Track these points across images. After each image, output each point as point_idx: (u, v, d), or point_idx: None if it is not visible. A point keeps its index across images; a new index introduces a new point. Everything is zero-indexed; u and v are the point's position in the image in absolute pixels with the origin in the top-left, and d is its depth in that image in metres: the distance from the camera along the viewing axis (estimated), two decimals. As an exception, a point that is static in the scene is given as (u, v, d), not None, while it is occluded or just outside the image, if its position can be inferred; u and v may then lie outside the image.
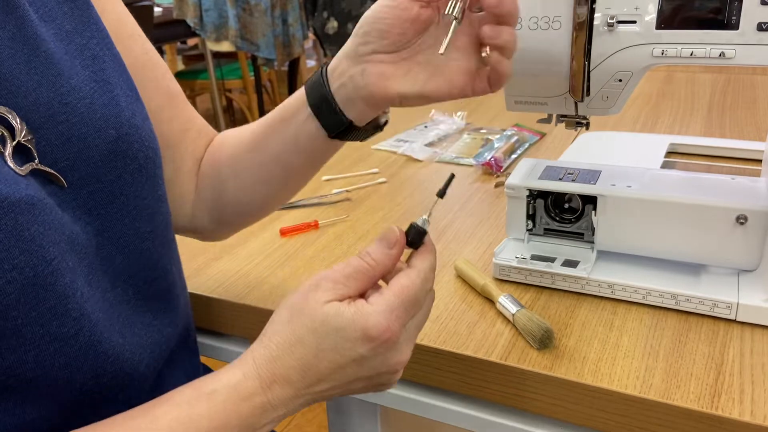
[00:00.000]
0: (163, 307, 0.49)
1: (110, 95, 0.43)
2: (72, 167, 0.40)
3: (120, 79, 0.46)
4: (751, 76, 1.18)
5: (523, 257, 0.59)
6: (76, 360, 0.39)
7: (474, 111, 1.10)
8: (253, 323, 0.60)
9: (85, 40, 0.44)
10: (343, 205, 0.78)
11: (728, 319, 0.51)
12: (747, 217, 0.51)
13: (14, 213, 0.34)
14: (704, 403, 0.43)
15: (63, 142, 0.40)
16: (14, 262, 0.34)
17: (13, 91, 0.38)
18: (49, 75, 0.40)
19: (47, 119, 0.39)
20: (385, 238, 0.40)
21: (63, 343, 0.38)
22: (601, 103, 0.53)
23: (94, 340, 0.40)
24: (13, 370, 0.36)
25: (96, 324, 0.40)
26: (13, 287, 0.34)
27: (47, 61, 0.40)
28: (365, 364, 0.39)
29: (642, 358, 0.48)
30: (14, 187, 0.35)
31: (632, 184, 0.56)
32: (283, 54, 2.20)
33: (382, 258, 0.40)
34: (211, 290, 0.62)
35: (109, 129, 0.42)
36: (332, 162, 0.92)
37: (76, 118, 0.41)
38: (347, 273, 0.39)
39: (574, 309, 0.55)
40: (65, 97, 0.40)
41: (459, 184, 0.83)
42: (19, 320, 0.35)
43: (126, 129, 0.44)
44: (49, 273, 0.36)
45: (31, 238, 0.35)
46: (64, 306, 0.37)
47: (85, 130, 0.41)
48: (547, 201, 0.60)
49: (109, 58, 0.45)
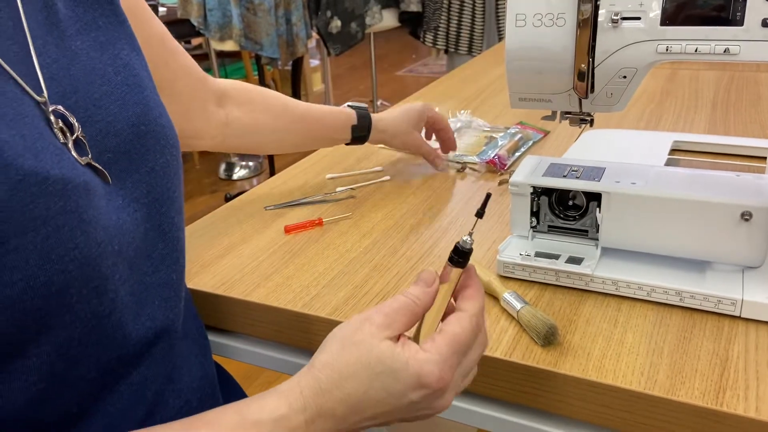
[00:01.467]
0: (183, 295, 0.51)
1: (140, 96, 0.47)
2: (114, 160, 0.44)
3: (147, 81, 0.49)
4: (755, 74, 1.18)
5: (527, 254, 0.59)
6: (106, 338, 0.41)
7: (477, 109, 1.10)
8: (258, 320, 0.60)
9: (117, 50, 0.48)
10: (348, 202, 0.78)
11: (733, 315, 0.51)
12: (752, 213, 0.51)
13: (76, 196, 0.37)
14: (709, 399, 0.43)
15: (102, 137, 0.43)
16: (76, 242, 0.37)
17: (60, 92, 0.42)
18: (85, 81, 0.44)
19: (86, 119, 0.43)
20: (423, 279, 0.43)
21: (99, 321, 0.40)
22: (605, 99, 0.53)
23: (124, 321, 0.43)
24: (64, 348, 0.39)
25: (127, 305, 0.43)
26: (74, 265, 0.37)
27: (85, 68, 0.44)
28: (411, 406, 0.40)
29: (646, 355, 0.48)
30: (76, 172, 0.38)
31: (636, 181, 0.56)
32: (287, 53, 2.20)
33: (423, 296, 0.42)
34: (216, 287, 0.62)
35: (141, 125, 0.46)
36: (336, 160, 0.92)
37: (111, 116, 0.44)
38: (395, 308, 0.41)
39: (579, 306, 0.55)
40: (99, 101, 0.44)
41: (462, 182, 0.83)
42: (74, 297, 0.38)
43: (153, 127, 0.47)
44: (98, 255, 0.39)
45: (88, 220, 0.38)
46: (105, 286, 0.40)
47: (119, 127, 0.45)
48: (551, 198, 0.60)
49: (138, 64, 0.49)
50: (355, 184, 0.83)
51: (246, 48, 2.13)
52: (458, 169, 0.86)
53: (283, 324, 0.59)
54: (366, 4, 2.39)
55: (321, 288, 0.60)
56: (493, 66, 1.40)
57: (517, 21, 0.51)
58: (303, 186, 0.83)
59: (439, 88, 1.28)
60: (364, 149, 0.95)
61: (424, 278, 0.43)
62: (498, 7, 2.45)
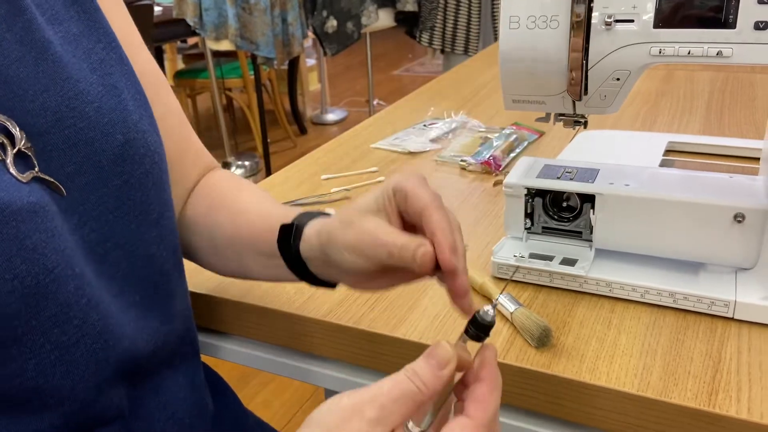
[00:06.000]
0: (166, 311, 0.49)
1: (117, 99, 0.43)
2: (80, 171, 0.40)
3: (128, 83, 0.46)
4: (750, 75, 1.18)
5: (521, 256, 0.59)
6: (78, 368, 0.39)
7: (473, 110, 1.10)
8: (252, 322, 0.60)
9: (92, 44, 0.44)
10: (342, 203, 0.78)
11: (726, 317, 0.52)
12: (744, 215, 0.51)
13: (16, 221, 0.34)
14: (702, 400, 0.44)
15: (70, 146, 0.40)
16: (15, 272, 0.34)
17: (20, 95, 0.38)
18: (57, 79, 0.40)
19: (54, 123, 0.39)
20: (434, 357, 0.34)
21: (64, 352, 0.38)
22: (598, 102, 0.53)
23: (97, 348, 0.40)
24: (13, 379, 0.36)
25: (101, 331, 0.40)
26: (14, 297, 0.34)
27: (55, 64, 0.40)
28: None
29: (640, 356, 0.48)
30: (16, 194, 0.35)
31: (630, 183, 0.57)
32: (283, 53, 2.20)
33: (432, 381, 0.33)
34: (210, 289, 0.62)
35: (117, 134, 0.42)
36: (331, 161, 0.92)
37: (84, 122, 0.41)
38: (395, 397, 0.32)
39: (572, 307, 0.55)
40: (72, 102, 0.40)
41: (457, 183, 0.83)
42: (19, 330, 0.35)
43: (133, 133, 0.44)
44: (51, 281, 0.36)
45: (32, 247, 0.35)
46: (65, 314, 0.37)
47: (92, 134, 0.41)
48: (546, 199, 0.60)
49: (116, 62, 0.45)
50: (350, 184, 0.83)
51: (242, 48, 2.13)
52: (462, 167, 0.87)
53: (278, 326, 0.59)
54: (362, 4, 2.39)
55: (315, 290, 0.60)
56: (489, 66, 1.40)
57: (510, 23, 0.51)
58: (298, 187, 0.83)
59: (435, 88, 1.28)
60: (360, 149, 0.95)
61: (438, 358, 0.33)
62: (494, 7, 2.45)
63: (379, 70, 4.76)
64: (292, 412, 1.54)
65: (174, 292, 0.50)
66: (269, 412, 1.54)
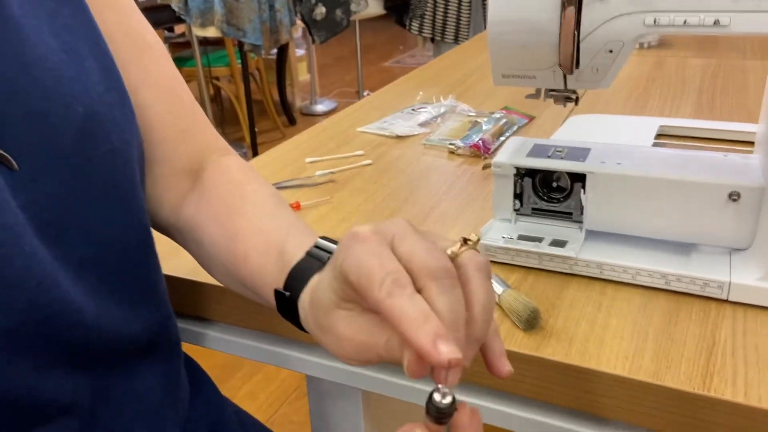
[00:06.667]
0: (135, 297, 0.46)
1: (80, 67, 0.40)
2: (34, 145, 0.37)
3: (95, 50, 0.42)
4: (742, 61, 1.17)
5: (510, 237, 0.57)
6: (20, 354, 0.36)
7: (463, 95, 1.08)
8: (234, 307, 0.58)
9: (56, 5, 0.40)
10: (327, 186, 0.76)
11: (720, 299, 0.50)
12: (740, 194, 0.49)
13: None
14: (696, 384, 0.42)
15: (24, 117, 0.37)
16: None
17: None
18: (12, 43, 0.37)
19: (9, 92, 0.36)
20: None
21: (2, 336, 0.35)
22: (591, 75, 0.51)
23: (48, 333, 0.37)
24: None
25: (52, 316, 0.37)
26: None
27: (9, 27, 0.37)
28: None
29: (631, 339, 0.47)
30: None
31: (622, 162, 0.55)
32: (270, 40, 2.17)
33: None
34: (188, 272, 0.59)
35: (77, 106, 0.39)
36: (316, 145, 0.90)
37: (40, 91, 0.37)
38: None
39: (562, 289, 0.53)
40: (29, 68, 0.37)
41: (445, 166, 0.81)
42: None
43: (97, 106, 0.40)
44: None
45: None
46: (8, 295, 0.34)
47: (49, 105, 0.38)
48: (535, 179, 0.58)
49: (83, 27, 0.42)
50: (335, 168, 0.80)
51: (228, 35, 2.09)
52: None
53: (261, 311, 0.57)
54: (351, -8, 2.36)
55: (297, 272, 0.58)
56: (479, 53, 1.38)
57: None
58: (282, 170, 0.81)
59: (423, 74, 1.25)
60: (346, 134, 0.93)
61: None
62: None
63: (369, 62, 4.73)
64: (279, 403, 1.52)
65: (144, 277, 0.48)
66: (255, 403, 1.52)
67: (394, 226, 0.33)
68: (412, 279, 0.31)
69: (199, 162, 0.52)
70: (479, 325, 0.32)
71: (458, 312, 0.30)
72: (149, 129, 0.48)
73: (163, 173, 0.50)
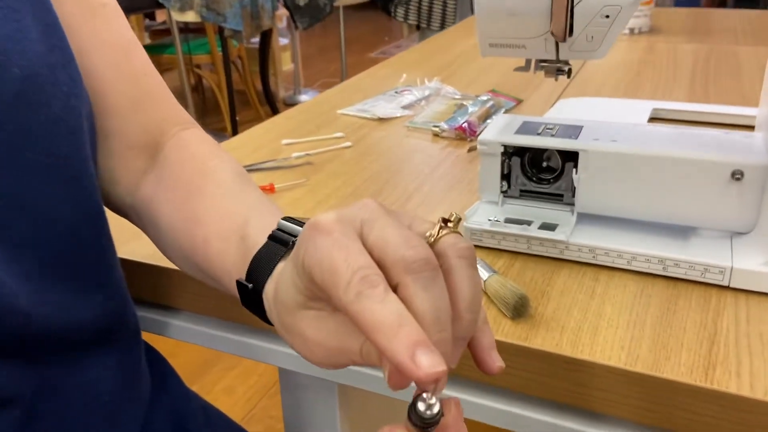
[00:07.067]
0: (83, 283, 0.42)
1: (16, 25, 0.36)
2: None
3: (35, 6, 0.38)
4: (734, 47, 1.14)
5: (496, 220, 0.53)
6: None
7: (448, 78, 1.04)
8: (199, 295, 0.54)
9: None
10: (304, 169, 0.72)
11: (721, 285, 0.47)
12: (743, 172, 0.46)
13: None
14: (697, 376, 0.38)
15: None
16: None
17: None
18: None
19: None
20: None
21: None
22: (585, 44, 0.47)
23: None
24: None
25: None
26: None
27: None
28: None
29: (627, 328, 0.43)
30: None
31: (617, 139, 0.51)
32: (251, 26, 2.11)
33: None
34: (149, 255, 0.55)
35: (12, 67, 0.35)
36: (293, 127, 0.86)
37: None
38: None
39: (552, 275, 0.50)
40: None
41: (429, 149, 0.77)
42: None
43: (36, 68, 0.36)
44: None
45: None
46: None
47: None
48: (524, 159, 0.54)
49: None
50: (312, 150, 0.76)
51: (208, 19, 2.03)
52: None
53: (229, 298, 0.52)
54: (336, -22, 2.31)
55: (267, 257, 0.54)
56: (465, 37, 1.34)
57: (487, -49, 0.45)
58: (256, 151, 0.77)
59: (408, 58, 1.21)
60: (326, 116, 0.89)
61: None
62: (472, -16, 2.39)
63: (354, 52, 4.67)
64: (257, 398, 1.48)
65: (95, 260, 0.43)
66: (233, 398, 1.47)
67: (361, 210, 0.29)
68: (385, 274, 0.27)
69: (157, 136, 0.47)
70: (466, 323, 0.28)
71: (442, 310, 0.26)
72: (100, 97, 0.44)
73: (116, 147, 0.46)
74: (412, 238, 0.27)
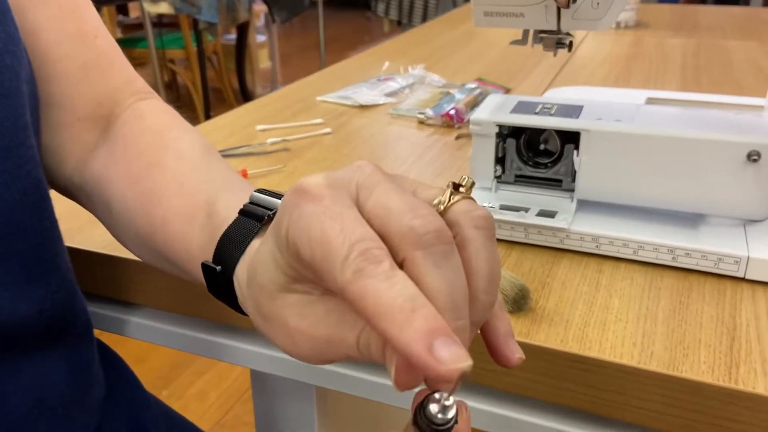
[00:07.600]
0: (20, 274, 0.36)
1: None
2: None
3: None
4: (723, 41, 1.12)
5: (491, 206, 0.49)
6: None
7: (433, 66, 1.00)
8: (162, 288, 0.48)
9: None
10: (280, 155, 0.67)
11: (736, 276, 0.43)
12: (760, 153, 0.42)
13: None
14: (720, 375, 0.34)
15: None
16: None
17: None
18: None
19: None
20: None
21: None
22: (590, 12, 0.43)
23: None
24: None
25: None
26: None
27: None
28: None
29: (638, 322, 0.39)
30: None
31: (622, 119, 0.47)
32: (227, 18, 2.05)
33: None
34: (106, 245, 0.49)
35: None
36: (271, 112, 0.80)
37: None
38: None
39: (552, 266, 0.45)
40: None
41: (414, 136, 0.72)
42: None
43: None
44: None
45: None
46: None
47: None
48: (520, 141, 0.50)
49: None
50: (290, 136, 0.71)
51: (181, 11, 1.97)
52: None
53: (195, 293, 0.47)
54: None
55: (238, 246, 0.48)
56: (449, 29, 1.30)
57: None
58: (230, 137, 0.71)
59: (391, 47, 1.17)
60: (305, 102, 0.84)
61: None
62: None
63: (334, 52, 4.62)
64: (229, 404, 1.41)
65: (36, 247, 0.37)
66: (204, 404, 1.41)
67: (356, 173, 0.25)
68: (388, 248, 0.22)
69: (110, 107, 0.42)
70: (482, 307, 0.23)
71: (458, 292, 0.22)
72: (43, 60, 0.38)
73: (63, 119, 0.40)
74: (420, 206, 0.23)
